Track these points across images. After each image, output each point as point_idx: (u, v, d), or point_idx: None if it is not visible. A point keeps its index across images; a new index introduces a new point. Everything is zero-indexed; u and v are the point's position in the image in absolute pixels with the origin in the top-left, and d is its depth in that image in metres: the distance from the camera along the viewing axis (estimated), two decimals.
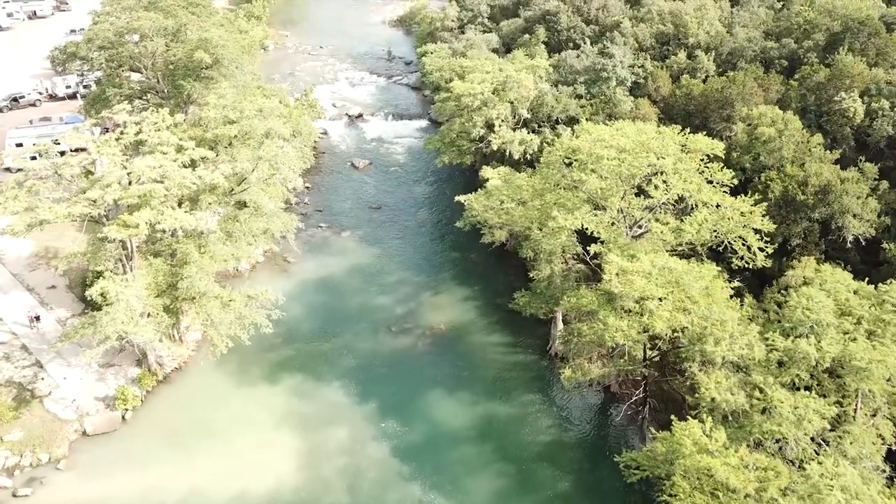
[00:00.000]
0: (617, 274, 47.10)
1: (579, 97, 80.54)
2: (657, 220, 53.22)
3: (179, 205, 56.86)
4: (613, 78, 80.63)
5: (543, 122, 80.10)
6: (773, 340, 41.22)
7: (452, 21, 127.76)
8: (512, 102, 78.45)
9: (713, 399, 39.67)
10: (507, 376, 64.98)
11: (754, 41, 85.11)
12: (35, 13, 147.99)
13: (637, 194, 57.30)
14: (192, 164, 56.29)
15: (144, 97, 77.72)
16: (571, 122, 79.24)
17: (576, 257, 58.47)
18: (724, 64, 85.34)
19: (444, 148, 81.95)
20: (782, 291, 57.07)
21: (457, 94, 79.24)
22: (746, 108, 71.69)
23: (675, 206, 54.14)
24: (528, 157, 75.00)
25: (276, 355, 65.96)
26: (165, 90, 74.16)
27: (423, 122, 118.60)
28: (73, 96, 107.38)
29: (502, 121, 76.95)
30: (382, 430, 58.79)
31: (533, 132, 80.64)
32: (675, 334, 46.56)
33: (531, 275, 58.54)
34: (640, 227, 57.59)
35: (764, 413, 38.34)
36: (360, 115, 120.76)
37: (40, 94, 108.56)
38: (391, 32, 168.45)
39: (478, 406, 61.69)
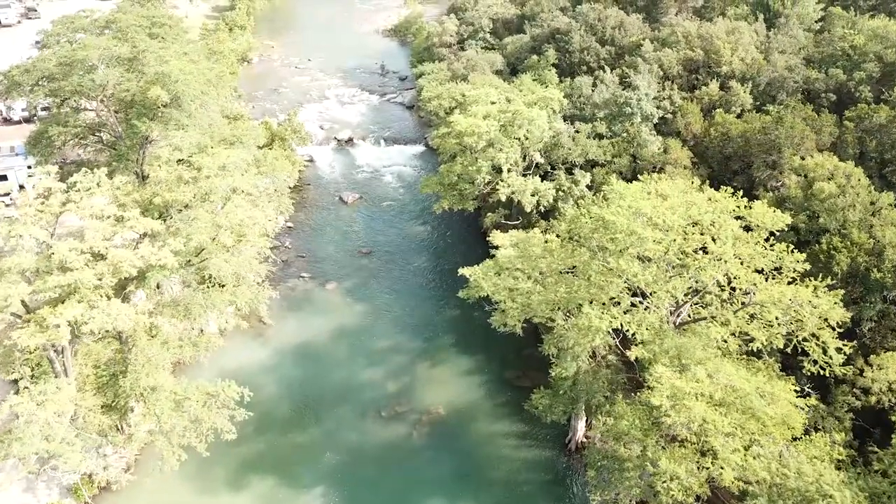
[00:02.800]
0: (668, 396, 36.80)
1: (599, 136, 70.08)
2: (713, 317, 42.77)
3: (125, 284, 46.31)
4: (638, 113, 70.31)
5: (558, 164, 69.70)
6: None
7: (451, 36, 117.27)
8: (521, 141, 67.97)
9: None
10: (519, 479, 54.56)
11: (795, 70, 74.88)
12: None
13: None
14: (141, 236, 45.77)
15: (97, 134, 67.02)
16: (591, 165, 69.01)
17: (607, 347, 48.22)
18: (762, 96, 75.12)
19: (443, 192, 71.45)
20: (856, 392, 47.13)
21: (458, 130, 68.84)
22: (797, 156, 61.57)
23: (731, 294, 43.74)
24: (542, 208, 64.60)
25: (245, 450, 55.37)
26: (119, 128, 63.46)
27: (420, 148, 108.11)
28: (29, 119, 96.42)
29: (512, 164, 66.51)
30: None
31: (546, 175, 70.34)
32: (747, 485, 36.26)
33: (552, 372, 48.10)
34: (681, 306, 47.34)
35: None
36: (350, 140, 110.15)
37: None
38: (385, 43, 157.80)
39: None
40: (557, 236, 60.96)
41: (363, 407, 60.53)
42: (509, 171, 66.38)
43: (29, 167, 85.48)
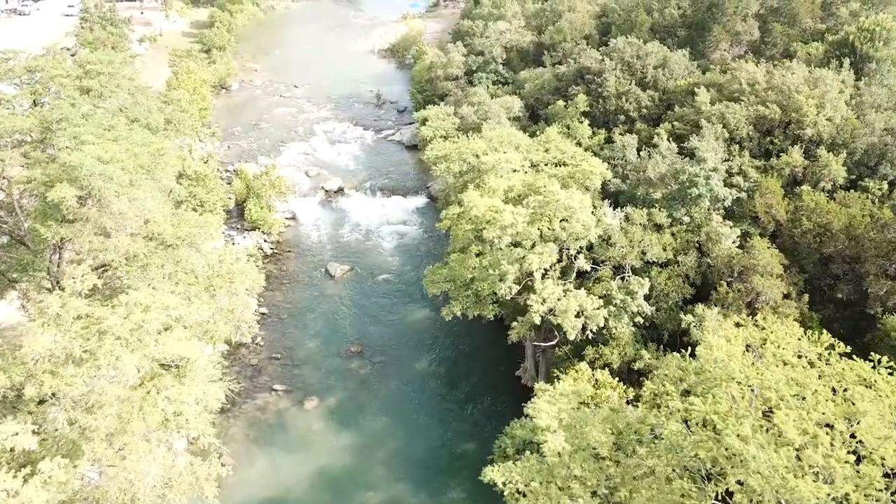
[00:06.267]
0: None
1: (658, 227, 54.17)
2: None
3: None
4: (707, 196, 54.56)
5: (602, 263, 53.85)
6: None
7: (458, 67, 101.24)
8: (556, 232, 52.04)
9: None
10: None
11: None
12: None
13: None
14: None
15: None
16: (647, 266, 53.22)
17: None
18: (858, 167, 59.53)
19: (453, 293, 55.52)
20: None
21: (473, 214, 53.21)
22: None
23: None
24: (590, 333, 48.70)
25: None
26: (25, 225, 47.62)
27: (422, 200, 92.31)
28: None
29: (547, 269, 50.74)
30: None
31: (585, 274, 54.42)
32: None
33: None
34: None
35: None
36: (341, 190, 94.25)
37: None
38: (381, 65, 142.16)
39: None
40: (609, 372, 45.73)
41: None
42: (544, 276, 50.54)
43: None
